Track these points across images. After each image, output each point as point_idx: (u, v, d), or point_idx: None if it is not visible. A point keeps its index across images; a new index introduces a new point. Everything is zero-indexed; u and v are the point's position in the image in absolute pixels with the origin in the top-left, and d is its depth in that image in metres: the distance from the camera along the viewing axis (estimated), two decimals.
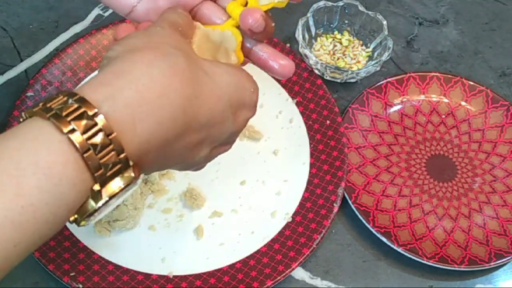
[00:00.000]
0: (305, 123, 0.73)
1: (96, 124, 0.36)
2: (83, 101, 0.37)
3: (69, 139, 0.36)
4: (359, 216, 0.66)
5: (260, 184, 0.70)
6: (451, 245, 0.67)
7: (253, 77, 0.48)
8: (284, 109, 0.75)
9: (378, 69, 0.77)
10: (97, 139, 0.36)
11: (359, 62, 0.79)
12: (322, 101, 0.74)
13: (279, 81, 0.76)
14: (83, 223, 0.38)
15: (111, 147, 0.37)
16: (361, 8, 0.80)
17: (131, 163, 0.38)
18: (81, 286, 0.60)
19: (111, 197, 0.38)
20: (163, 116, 0.39)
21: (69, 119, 0.36)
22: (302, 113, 0.74)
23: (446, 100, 0.78)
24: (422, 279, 0.66)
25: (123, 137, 0.38)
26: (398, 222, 0.68)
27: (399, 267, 0.66)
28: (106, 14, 0.83)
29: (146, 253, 0.64)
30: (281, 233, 0.66)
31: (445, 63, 0.83)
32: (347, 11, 0.81)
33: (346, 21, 0.82)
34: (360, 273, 0.66)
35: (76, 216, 0.38)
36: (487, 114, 0.76)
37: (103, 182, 0.37)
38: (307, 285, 0.65)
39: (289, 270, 0.63)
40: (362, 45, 0.81)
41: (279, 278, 0.62)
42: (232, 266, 0.63)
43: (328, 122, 0.72)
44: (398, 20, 0.86)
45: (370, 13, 0.80)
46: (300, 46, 0.78)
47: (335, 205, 0.66)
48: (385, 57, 0.77)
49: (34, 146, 0.36)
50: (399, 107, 0.77)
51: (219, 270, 0.63)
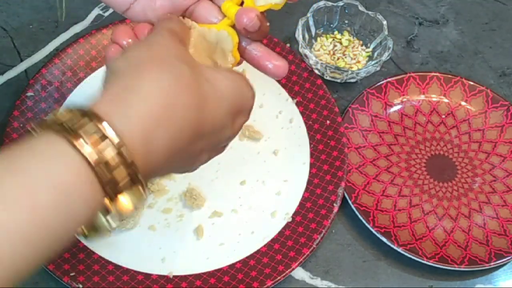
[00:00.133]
0: (305, 123, 0.73)
1: (110, 141, 0.37)
2: (97, 118, 0.38)
3: (83, 156, 0.36)
4: (359, 216, 0.66)
5: (260, 184, 0.70)
6: (451, 245, 0.67)
7: (251, 83, 0.48)
8: (284, 109, 0.75)
9: (378, 69, 0.77)
10: (110, 156, 0.37)
11: (359, 62, 0.79)
12: (322, 101, 0.74)
13: (279, 81, 0.76)
14: (91, 236, 0.39)
15: (123, 164, 0.37)
16: (361, 8, 0.80)
17: (141, 178, 0.39)
18: (81, 286, 0.60)
19: (121, 212, 0.39)
20: (171, 130, 0.40)
21: (83, 135, 0.37)
22: (302, 113, 0.74)
23: (446, 100, 0.78)
24: (422, 279, 0.66)
25: (135, 154, 0.38)
26: (398, 222, 0.68)
27: (399, 267, 0.66)
28: (106, 14, 0.83)
29: (146, 253, 0.64)
30: (281, 233, 0.66)
31: (445, 63, 0.83)
32: (347, 11, 0.81)
33: (346, 21, 0.82)
34: (360, 273, 0.66)
35: (84, 230, 0.39)
36: (487, 114, 0.76)
37: (113, 196, 0.38)
38: (307, 285, 0.65)
39: (289, 270, 0.63)
40: (362, 45, 0.81)
41: (279, 278, 0.62)
42: (232, 266, 0.63)
43: (328, 122, 0.72)
44: (398, 20, 0.86)
45: (370, 13, 0.80)
46: (300, 46, 0.78)
47: (335, 205, 0.66)
48: (385, 57, 0.77)
49: (49, 162, 0.36)
50: (399, 107, 0.77)
51: (219, 270, 0.63)
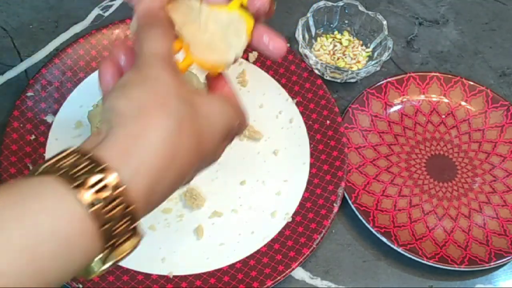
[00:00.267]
0: (305, 123, 0.73)
1: (116, 196, 0.37)
2: (106, 169, 0.38)
3: (88, 208, 0.36)
4: (359, 216, 0.66)
5: (260, 184, 0.70)
6: (451, 245, 0.67)
7: (239, 112, 0.50)
8: (284, 109, 0.75)
9: (378, 69, 0.77)
10: (115, 210, 0.37)
11: (359, 62, 0.79)
12: (322, 101, 0.74)
13: (279, 81, 0.76)
14: (84, 277, 0.40)
15: (127, 217, 0.38)
16: (361, 8, 0.80)
17: (138, 228, 0.39)
18: (81, 286, 0.60)
19: (117, 260, 0.39)
20: (174, 177, 0.42)
21: (89, 185, 0.37)
22: (302, 113, 0.74)
23: (446, 100, 0.78)
24: (422, 279, 0.66)
25: (138, 205, 0.39)
26: (398, 222, 0.68)
27: (399, 267, 0.66)
28: (106, 14, 0.83)
29: (146, 253, 0.64)
30: (281, 233, 0.66)
31: (445, 63, 0.83)
32: (347, 11, 0.81)
33: (346, 21, 0.82)
34: (360, 273, 0.66)
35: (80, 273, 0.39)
36: (487, 114, 0.76)
37: (113, 248, 0.39)
38: (307, 285, 0.65)
39: (289, 270, 0.63)
40: (362, 45, 0.81)
41: (279, 278, 0.62)
42: (232, 266, 0.63)
43: (328, 122, 0.72)
44: (398, 20, 0.86)
45: (370, 13, 0.80)
46: (300, 46, 0.78)
47: (335, 205, 0.66)
48: (385, 57, 0.77)
49: (54, 212, 0.36)
50: (399, 107, 0.77)
51: (219, 270, 0.63)
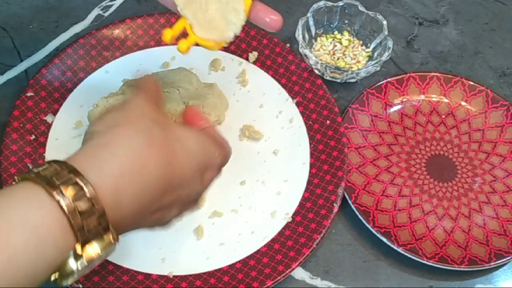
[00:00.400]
0: (305, 123, 0.73)
1: (83, 191, 0.40)
2: (73, 171, 0.41)
3: (58, 203, 0.39)
4: (359, 216, 0.66)
5: (260, 184, 0.70)
6: (451, 245, 0.67)
7: (218, 142, 0.53)
8: (284, 109, 0.75)
9: (378, 69, 0.77)
10: (83, 205, 0.40)
11: (359, 62, 0.79)
12: (322, 101, 0.74)
13: (279, 81, 0.76)
14: (63, 282, 0.41)
15: (95, 213, 0.40)
16: (361, 8, 0.80)
17: (111, 228, 0.42)
18: (81, 286, 0.60)
19: (90, 260, 0.41)
20: (142, 184, 0.43)
21: (60, 186, 0.40)
22: (302, 113, 0.74)
23: (446, 100, 0.78)
24: (422, 279, 0.66)
25: (106, 204, 0.41)
26: (398, 222, 0.68)
27: (399, 267, 0.66)
28: (106, 14, 0.83)
29: (146, 253, 0.64)
30: (281, 233, 0.66)
31: (445, 63, 0.83)
32: (347, 11, 0.81)
33: (346, 21, 0.82)
34: (360, 273, 0.66)
35: (56, 275, 0.41)
36: (487, 114, 0.76)
37: (84, 243, 0.41)
38: (307, 285, 0.65)
39: (289, 270, 0.63)
40: (362, 45, 0.81)
41: (279, 278, 0.62)
42: (232, 266, 0.63)
43: (328, 122, 0.72)
44: (398, 20, 0.86)
45: (370, 13, 0.80)
46: (300, 46, 0.78)
47: (335, 205, 0.66)
48: (385, 57, 0.77)
49: (25, 206, 0.39)
50: (399, 107, 0.77)
51: (219, 270, 0.63)
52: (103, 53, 0.76)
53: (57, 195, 0.39)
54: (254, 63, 0.77)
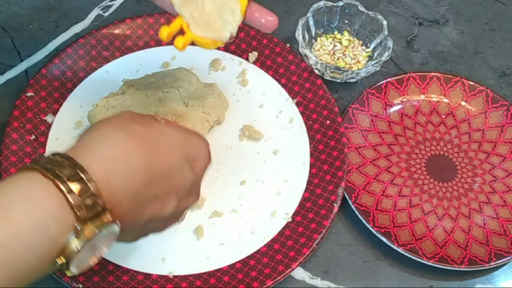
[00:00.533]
0: (305, 123, 0.73)
1: (77, 173, 0.43)
2: (67, 157, 0.44)
3: (54, 182, 0.42)
4: (359, 216, 0.66)
5: (260, 184, 0.70)
6: (451, 245, 0.67)
7: (202, 136, 0.56)
8: (284, 109, 0.75)
9: (378, 69, 0.77)
10: (78, 185, 0.42)
11: (359, 62, 0.79)
12: (322, 101, 0.74)
13: (279, 81, 0.76)
14: (68, 272, 0.43)
15: (90, 192, 0.42)
16: (361, 8, 0.80)
17: (107, 207, 0.43)
18: (81, 286, 0.60)
19: (91, 238, 0.43)
20: (129, 169, 0.46)
21: (57, 171, 0.42)
22: (302, 113, 0.74)
23: (446, 100, 0.78)
24: (422, 279, 0.66)
25: (99, 184, 0.43)
26: (398, 222, 0.68)
27: (399, 267, 0.66)
28: (106, 14, 0.83)
29: (146, 253, 0.64)
30: (281, 233, 0.66)
31: (445, 63, 0.83)
32: (347, 11, 0.81)
33: (346, 21, 0.82)
34: (360, 273, 0.66)
35: (63, 260, 0.42)
36: (487, 114, 0.76)
37: (84, 222, 0.42)
38: (307, 285, 0.65)
39: (289, 270, 0.63)
40: (362, 45, 0.81)
41: (279, 278, 0.62)
42: (232, 266, 0.63)
43: (328, 122, 0.72)
44: (398, 20, 0.86)
45: (370, 13, 0.80)
46: (300, 46, 0.78)
47: (335, 205, 0.66)
48: (385, 57, 0.77)
49: (24, 185, 0.42)
50: (399, 107, 0.77)
51: (219, 270, 0.63)
52: (103, 53, 0.76)
53: (53, 176, 0.42)
54: (254, 63, 0.77)
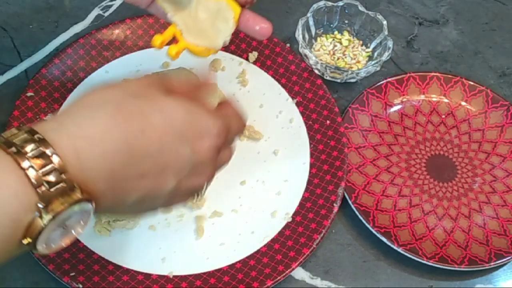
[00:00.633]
0: (305, 123, 0.73)
1: (39, 146, 0.40)
2: (30, 131, 0.41)
3: (14, 158, 0.40)
4: (359, 216, 0.66)
5: (260, 184, 0.70)
6: (451, 245, 0.67)
7: (214, 112, 0.51)
8: (284, 109, 0.75)
9: (378, 69, 0.77)
10: (40, 160, 0.40)
11: (359, 62, 0.79)
12: (322, 101, 0.74)
13: (279, 81, 0.76)
14: (37, 246, 0.41)
15: (54, 167, 0.40)
16: (361, 8, 0.80)
17: (76, 185, 0.41)
18: (81, 286, 0.60)
19: (56, 215, 0.41)
20: (105, 148, 0.43)
21: (17, 144, 0.40)
22: (302, 113, 0.74)
23: (446, 100, 0.78)
24: (422, 279, 0.66)
25: (66, 161, 0.41)
26: (398, 222, 0.68)
27: (399, 267, 0.66)
28: (106, 14, 0.83)
29: (146, 253, 0.64)
30: (281, 233, 0.66)
31: (445, 63, 0.83)
32: (347, 11, 0.81)
33: (346, 21, 0.82)
34: (360, 273, 0.66)
35: (29, 239, 0.41)
36: (487, 114, 0.76)
37: (48, 200, 0.40)
38: (307, 285, 0.65)
39: (289, 270, 0.63)
40: (362, 45, 0.81)
41: (279, 278, 0.62)
42: (232, 266, 0.63)
43: (328, 122, 0.72)
44: (398, 20, 0.86)
45: (370, 13, 0.80)
46: (300, 46, 0.78)
47: (335, 205, 0.66)
48: (385, 57, 0.77)
49: None
50: (399, 107, 0.77)
51: (219, 270, 0.63)
52: (103, 53, 0.76)
53: (12, 151, 0.40)
54: (254, 63, 0.77)
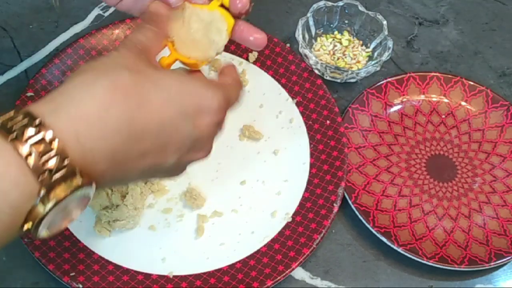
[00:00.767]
0: (305, 123, 0.73)
1: (39, 132, 0.39)
2: (28, 114, 0.40)
3: (13, 146, 0.38)
4: (359, 216, 0.66)
5: (260, 184, 0.70)
6: (451, 245, 0.67)
7: (214, 84, 0.51)
8: (284, 109, 0.75)
9: (378, 69, 0.77)
10: (40, 146, 0.39)
11: (359, 62, 0.79)
12: (322, 101, 0.74)
13: (279, 81, 0.76)
14: (38, 232, 0.40)
15: (54, 153, 0.39)
16: (361, 8, 0.80)
17: (77, 170, 0.40)
18: (81, 286, 0.60)
19: (58, 202, 0.40)
20: (105, 127, 0.42)
21: (13, 128, 0.39)
22: (302, 113, 0.74)
23: (446, 100, 0.78)
24: (422, 279, 0.66)
25: (67, 145, 0.40)
26: (398, 222, 0.68)
27: (399, 267, 0.66)
28: (106, 14, 0.83)
29: (146, 253, 0.64)
30: (281, 233, 0.66)
31: (445, 63, 0.83)
32: (347, 11, 0.81)
33: (346, 21, 0.82)
34: (360, 273, 0.66)
35: (29, 224, 0.40)
36: (487, 114, 0.76)
37: (50, 187, 0.39)
38: (307, 285, 0.65)
39: (289, 270, 0.63)
40: (362, 45, 0.81)
41: (279, 278, 0.62)
42: (232, 266, 0.63)
43: (328, 122, 0.72)
44: (398, 20, 0.86)
45: (370, 13, 0.80)
46: (300, 46, 0.78)
47: (335, 205, 0.66)
48: (385, 57, 0.77)
49: None
50: (399, 107, 0.77)
51: (219, 270, 0.63)
52: (103, 53, 0.76)
53: (11, 137, 0.39)
54: (254, 63, 0.77)
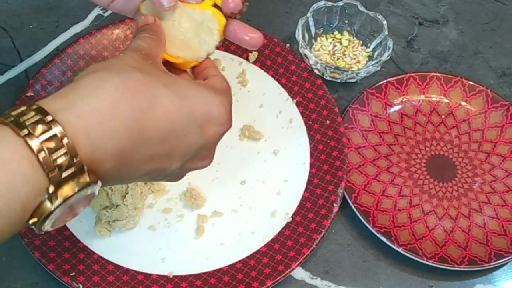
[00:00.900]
0: (305, 123, 0.73)
1: (51, 129, 0.39)
2: (40, 110, 0.40)
3: (25, 141, 0.39)
4: (359, 216, 0.66)
5: (260, 184, 0.70)
6: (451, 245, 0.67)
7: (218, 90, 0.50)
8: (284, 109, 0.75)
9: (378, 69, 0.77)
10: (52, 143, 0.39)
11: (359, 62, 0.79)
12: (322, 101, 0.74)
13: (279, 81, 0.76)
14: (43, 226, 0.40)
15: (65, 151, 0.40)
16: (361, 8, 0.80)
17: (85, 168, 0.41)
18: (81, 286, 0.60)
19: (66, 199, 0.40)
20: (115, 126, 0.42)
21: (26, 124, 0.39)
22: (302, 113, 0.74)
23: (446, 100, 0.78)
24: (422, 279, 0.66)
25: (77, 143, 0.40)
26: (398, 222, 0.68)
27: (399, 267, 0.66)
28: (106, 14, 0.83)
29: (146, 253, 0.64)
30: (281, 233, 0.66)
31: (445, 63, 0.83)
32: (347, 11, 0.81)
33: (346, 21, 0.82)
34: (360, 273, 0.66)
35: (35, 219, 0.40)
36: (487, 114, 0.76)
37: (58, 184, 0.40)
38: (307, 285, 0.65)
39: (289, 270, 0.63)
40: (362, 45, 0.81)
41: (279, 278, 0.62)
42: (232, 266, 0.63)
43: (328, 122, 0.72)
44: (398, 20, 0.86)
45: (370, 13, 0.80)
46: (300, 46, 0.78)
47: (335, 205, 0.66)
48: (385, 57, 0.77)
49: None
50: (399, 107, 0.77)
51: (219, 270, 0.63)
52: (103, 53, 0.76)
53: (24, 134, 0.39)
54: (254, 63, 0.77)
